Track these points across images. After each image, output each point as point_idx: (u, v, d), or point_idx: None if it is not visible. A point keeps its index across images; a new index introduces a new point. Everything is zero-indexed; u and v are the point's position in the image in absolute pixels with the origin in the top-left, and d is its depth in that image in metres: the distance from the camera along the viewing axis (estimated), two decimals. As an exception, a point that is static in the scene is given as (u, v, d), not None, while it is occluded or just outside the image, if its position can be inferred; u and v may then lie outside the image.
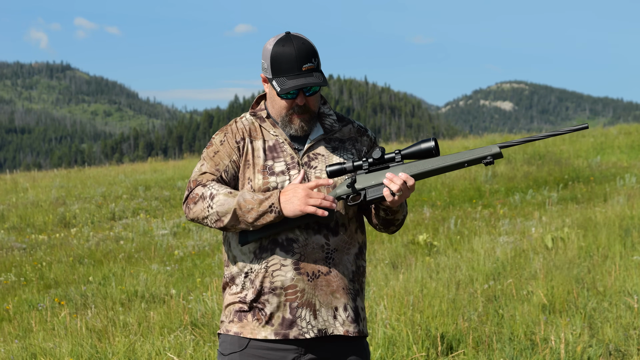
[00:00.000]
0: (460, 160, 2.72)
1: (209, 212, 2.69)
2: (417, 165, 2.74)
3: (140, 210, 16.33)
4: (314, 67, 2.75)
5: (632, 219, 10.47)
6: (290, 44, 2.74)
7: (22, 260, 11.07)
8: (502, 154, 2.71)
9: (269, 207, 2.65)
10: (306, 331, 2.74)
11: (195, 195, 2.73)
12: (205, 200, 2.70)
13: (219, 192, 2.69)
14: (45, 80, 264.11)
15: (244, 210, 2.66)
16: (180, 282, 9.04)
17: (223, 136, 2.85)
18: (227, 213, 2.67)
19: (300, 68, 2.73)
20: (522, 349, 5.37)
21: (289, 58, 2.73)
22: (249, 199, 2.66)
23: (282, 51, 2.74)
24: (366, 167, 2.76)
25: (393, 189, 2.69)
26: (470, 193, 16.15)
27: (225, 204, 2.67)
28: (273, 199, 2.66)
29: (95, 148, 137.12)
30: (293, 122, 2.81)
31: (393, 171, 2.75)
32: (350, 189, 2.76)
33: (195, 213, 2.72)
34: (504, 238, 9.92)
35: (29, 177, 23.21)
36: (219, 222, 2.69)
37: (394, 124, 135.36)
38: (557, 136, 2.85)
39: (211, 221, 2.70)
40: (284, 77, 2.74)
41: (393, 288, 7.02)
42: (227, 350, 2.82)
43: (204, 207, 2.70)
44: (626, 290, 6.80)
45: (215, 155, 2.82)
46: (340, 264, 2.79)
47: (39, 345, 6.02)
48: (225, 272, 2.87)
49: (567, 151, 21.59)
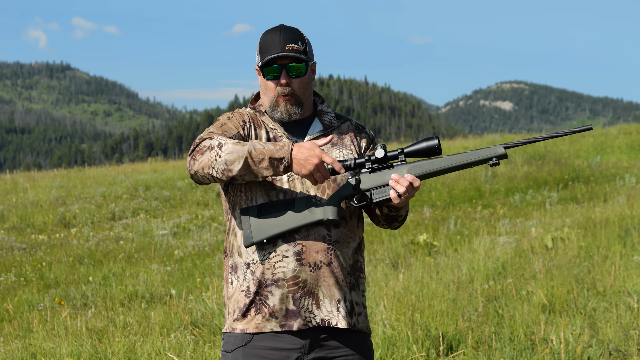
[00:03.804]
0: (466, 161, 2.73)
1: (216, 161, 2.61)
2: (423, 165, 2.74)
3: (140, 210, 16.33)
4: (299, 49, 2.80)
5: (632, 219, 10.46)
6: (278, 29, 2.83)
7: (22, 260, 11.07)
8: (507, 154, 2.72)
9: (280, 159, 2.61)
10: (309, 320, 2.74)
11: (202, 146, 2.66)
12: (213, 150, 2.63)
13: (228, 142, 2.63)
14: (45, 80, 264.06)
15: (255, 160, 2.60)
16: (180, 282, 9.04)
17: (230, 114, 2.88)
18: (237, 161, 2.60)
19: (283, 47, 2.79)
20: (522, 349, 5.37)
21: (274, 39, 2.80)
22: (260, 149, 2.61)
23: (270, 36, 2.83)
24: (369, 167, 2.76)
25: (400, 191, 2.70)
26: (470, 193, 16.15)
27: (235, 151, 2.61)
28: (284, 152, 2.61)
29: (95, 148, 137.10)
30: (279, 106, 2.83)
31: (398, 171, 2.75)
32: (355, 190, 2.76)
33: (202, 163, 2.64)
34: (504, 238, 9.92)
35: (29, 177, 23.20)
36: (227, 172, 2.62)
37: (394, 124, 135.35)
38: (561, 137, 2.86)
39: (218, 171, 2.62)
40: (266, 55, 2.80)
41: (393, 288, 7.02)
42: (231, 347, 2.81)
43: (211, 157, 2.62)
44: (626, 290, 6.80)
45: (222, 126, 2.81)
46: (340, 256, 2.80)
47: (39, 346, 6.02)
48: (228, 262, 2.85)
49: (567, 151, 21.59)
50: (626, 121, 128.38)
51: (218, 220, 14.59)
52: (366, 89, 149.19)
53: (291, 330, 2.75)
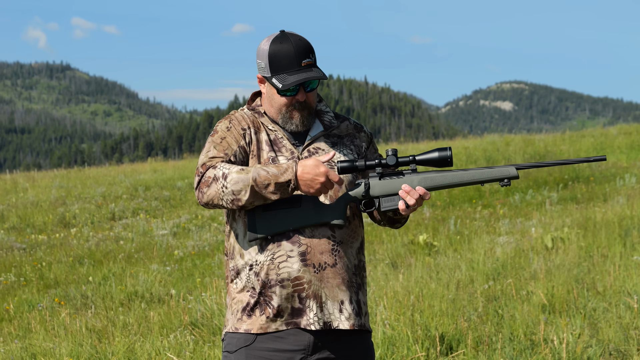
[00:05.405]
0: (478, 179, 2.76)
1: (224, 193, 2.64)
2: (434, 178, 2.75)
3: (140, 211, 16.33)
4: (312, 62, 2.78)
5: (632, 219, 10.45)
6: (288, 41, 2.76)
7: (22, 260, 11.07)
8: (518, 175, 2.77)
9: (286, 183, 2.64)
10: (312, 323, 2.73)
11: (207, 178, 2.68)
12: (219, 182, 2.65)
13: (231, 171, 2.65)
14: (45, 80, 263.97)
15: (261, 187, 2.63)
16: (180, 282, 9.04)
17: (228, 123, 2.83)
18: (243, 190, 2.62)
19: (299, 63, 2.74)
20: (522, 349, 5.37)
21: (288, 54, 2.74)
22: (264, 175, 2.63)
23: (280, 48, 2.75)
24: (379, 171, 2.76)
25: (410, 203, 2.71)
26: (470, 193, 16.14)
27: (240, 181, 2.63)
28: (289, 175, 2.64)
29: (95, 148, 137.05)
30: (293, 118, 2.81)
31: (408, 181, 2.75)
32: (364, 196, 2.76)
33: (210, 196, 2.66)
34: (504, 238, 9.92)
35: (28, 177, 23.20)
36: (237, 202, 2.65)
37: (393, 124, 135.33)
38: (572, 164, 2.91)
39: (227, 202, 2.65)
40: (284, 73, 2.75)
41: (393, 288, 7.02)
42: (234, 347, 2.78)
43: (218, 189, 2.65)
44: (626, 290, 6.79)
45: (222, 141, 2.79)
46: (344, 256, 2.79)
47: (39, 346, 6.02)
48: (229, 265, 2.83)
49: (567, 151, 21.58)
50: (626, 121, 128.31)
51: (218, 220, 14.59)
52: (366, 89, 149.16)
53: (295, 331, 2.73)
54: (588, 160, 2.79)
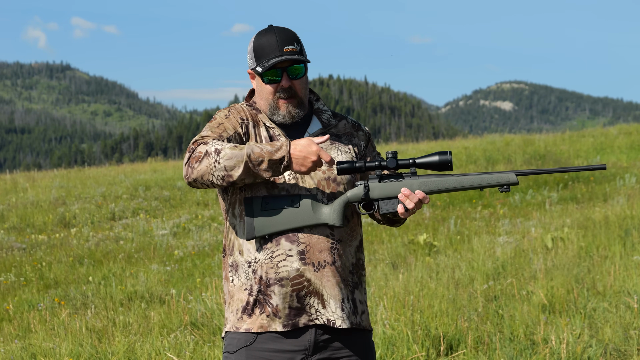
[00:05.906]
0: (478, 184, 2.76)
1: (215, 168, 2.61)
2: (434, 183, 2.75)
3: (140, 210, 16.33)
4: (296, 50, 2.78)
5: (632, 219, 10.46)
6: (272, 31, 2.80)
7: (22, 260, 11.07)
8: (518, 182, 2.77)
9: (279, 160, 2.63)
10: (315, 317, 2.73)
11: (199, 153, 2.64)
12: (211, 157, 2.62)
13: (224, 147, 2.62)
14: (45, 80, 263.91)
15: (255, 163, 2.61)
16: (180, 282, 9.04)
17: (227, 112, 2.84)
18: (237, 166, 2.60)
19: (282, 50, 2.76)
20: (522, 349, 5.37)
21: (270, 42, 2.77)
22: (257, 151, 2.61)
23: (264, 38, 2.79)
24: (379, 173, 2.76)
25: (409, 207, 2.71)
26: (470, 193, 16.14)
27: (234, 157, 2.60)
28: (283, 152, 2.63)
29: (95, 148, 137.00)
30: (280, 108, 2.80)
31: (408, 184, 2.75)
32: (364, 198, 2.76)
33: (200, 171, 2.62)
34: (504, 238, 9.92)
35: (28, 177, 23.20)
36: (228, 178, 2.62)
37: (393, 124, 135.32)
38: (572, 172, 2.87)
39: (218, 178, 2.62)
40: (266, 60, 2.77)
41: (393, 288, 7.02)
42: (234, 347, 2.77)
43: (210, 164, 2.61)
44: (626, 290, 6.79)
45: (219, 126, 2.78)
46: (343, 255, 2.79)
47: (39, 346, 6.02)
48: (227, 261, 2.82)
49: (567, 151, 21.58)
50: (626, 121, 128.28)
51: (218, 220, 14.59)
52: (366, 89, 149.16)
53: (295, 331, 2.73)
54: (588, 169, 2.79)
